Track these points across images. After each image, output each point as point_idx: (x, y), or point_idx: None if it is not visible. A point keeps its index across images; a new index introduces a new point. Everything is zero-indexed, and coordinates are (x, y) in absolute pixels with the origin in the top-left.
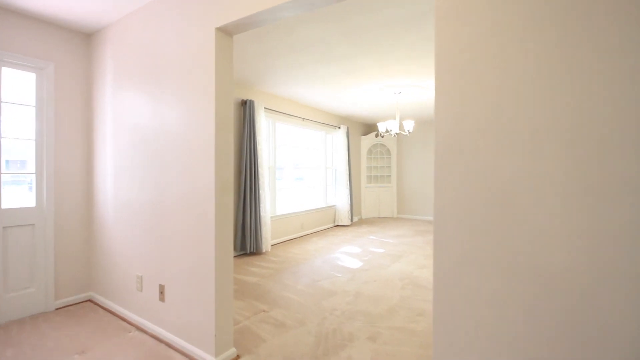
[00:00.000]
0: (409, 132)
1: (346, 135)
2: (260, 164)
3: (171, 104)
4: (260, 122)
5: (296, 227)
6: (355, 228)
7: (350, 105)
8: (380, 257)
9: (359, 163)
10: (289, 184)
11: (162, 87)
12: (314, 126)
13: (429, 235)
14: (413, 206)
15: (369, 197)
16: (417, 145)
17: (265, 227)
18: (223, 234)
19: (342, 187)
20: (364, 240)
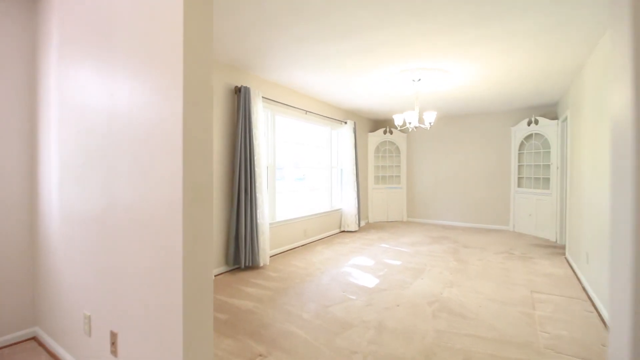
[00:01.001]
0: (431, 125)
1: (353, 131)
2: (257, 162)
3: (125, 75)
4: (258, 113)
5: (298, 235)
6: (363, 234)
7: (360, 96)
8: (398, 272)
9: (366, 162)
10: (290, 185)
11: (115, 52)
12: (317, 120)
13: (447, 243)
14: (424, 209)
15: (377, 199)
16: (429, 142)
17: (263, 236)
18: (196, 262)
19: (348, 189)
20: (375, 249)
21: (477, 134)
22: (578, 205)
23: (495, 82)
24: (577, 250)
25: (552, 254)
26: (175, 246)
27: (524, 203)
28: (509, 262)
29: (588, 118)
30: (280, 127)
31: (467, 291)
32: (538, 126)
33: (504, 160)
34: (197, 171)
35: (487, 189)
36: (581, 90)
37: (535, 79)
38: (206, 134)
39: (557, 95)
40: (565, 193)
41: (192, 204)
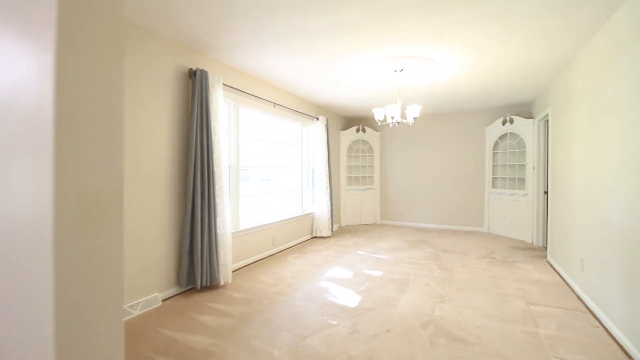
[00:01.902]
0: (414, 120)
1: (325, 129)
2: (217, 161)
3: None
4: (217, 103)
5: (266, 244)
6: (337, 240)
7: (335, 88)
8: (381, 285)
9: (338, 162)
10: (256, 188)
11: None
12: (287, 115)
13: (426, 247)
14: (398, 211)
15: (350, 201)
16: (403, 141)
17: (224, 248)
18: (89, 334)
19: (321, 191)
20: (352, 257)
21: (452, 134)
22: (564, 207)
23: (482, 76)
24: (565, 254)
25: (533, 257)
26: (41, 309)
27: (499, 204)
28: (494, 268)
29: (581, 114)
30: (245, 121)
31: (461, 307)
32: (513, 125)
33: (478, 161)
34: (90, 175)
35: (462, 189)
36: (570, 85)
37: (523, 74)
38: (111, 115)
39: (534, 94)
40: (540, 193)
41: (78, 226)
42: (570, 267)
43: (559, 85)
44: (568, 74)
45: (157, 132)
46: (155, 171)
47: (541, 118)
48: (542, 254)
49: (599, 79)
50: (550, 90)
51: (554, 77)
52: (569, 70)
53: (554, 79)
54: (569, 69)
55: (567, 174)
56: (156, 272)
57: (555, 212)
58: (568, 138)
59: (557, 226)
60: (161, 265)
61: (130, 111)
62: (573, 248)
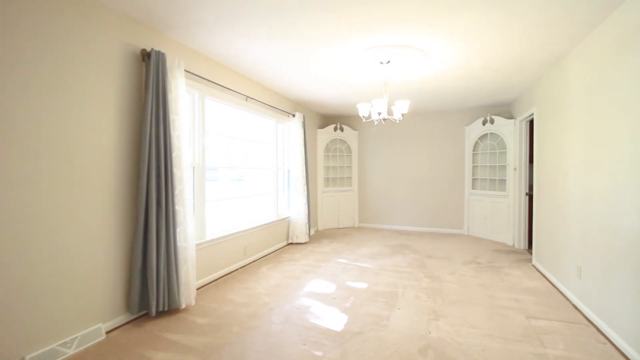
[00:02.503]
0: (402, 117)
1: (302, 126)
2: (177, 161)
3: None
4: (178, 91)
5: (237, 254)
6: (315, 246)
7: (314, 81)
8: (368, 300)
9: (315, 162)
10: (226, 190)
11: None
12: (261, 110)
13: (409, 253)
14: (377, 214)
15: (327, 204)
16: (382, 141)
17: (186, 264)
18: None
19: (297, 194)
20: (333, 266)
21: (431, 133)
22: (554, 210)
23: (471, 72)
24: (556, 260)
25: (518, 262)
26: None
27: (479, 206)
28: (482, 275)
29: (577, 112)
30: (213, 116)
31: (457, 324)
32: (494, 125)
33: (458, 161)
34: None
35: (441, 191)
36: (562, 82)
37: (512, 71)
38: None
39: (516, 94)
40: (522, 195)
41: None
42: (563, 274)
43: (547, 83)
44: (559, 71)
45: (100, 127)
46: (95, 175)
47: (523, 118)
48: (527, 258)
49: (601, 74)
50: (535, 90)
51: (541, 75)
52: (561, 67)
53: (541, 77)
54: (560, 66)
55: (558, 175)
56: (98, 297)
57: (542, 215)
58: (559, 138)
59: (544, 230)
60: (105, 288)
61: (59, 101)
62: (567, 254)
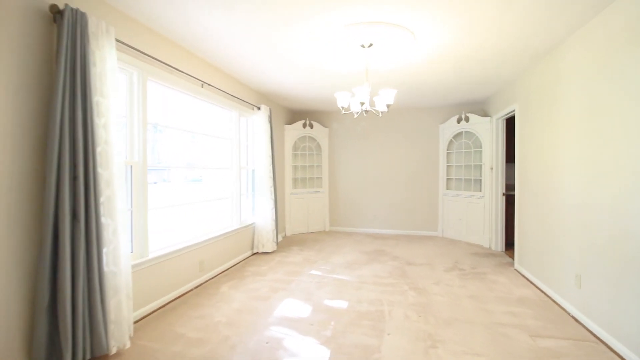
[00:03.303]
0: (388, 108)
1: (268, 120)
2: (103, 158)
3: None
4: (106, 66)
5: (190, 271)
6: (284, 255)
7: (283, 69)
8: (352, 325)
9: (283, 161)
10: (179, 194)
11: None
12: (221, 100)
13: (387, 260)
14: (349, 216)
15: (296, 206)
16: (354, 139)
17: (117, 296)
18: None
19: (263, 197)
20: (306, 280)
21: (405, 131)
22: (543, 212)
23: (456, 60)
24: (547, 266)
25: (500, 266)
26: None
27: (454, 206)
28: (469, 284)
29: (574, 107)
30: (157, 102)
31: (460, 352)
32: (469, 124)
33: (432, 161)
34: None
35: (416, 192)
36: (552, 76)
37: (501, 61)
38: None
39: (492, 91)
40: (499, 195)
41: None
42: (557, 283)
43: (533, 77)
44: (551, 62)
45: None
46: None
47: (501, 116)
48: (507, 262)
49: (607, 64)
50: (517, 85)
51: (525, 70)
52: (553, 58)
53: (525, 71)
54: (552, 57)
55: (547, 177)
56: None
57: (526, 219)
58: (549, 136)
59: (528, 234)
60: None
61: None
62: (561, 261)
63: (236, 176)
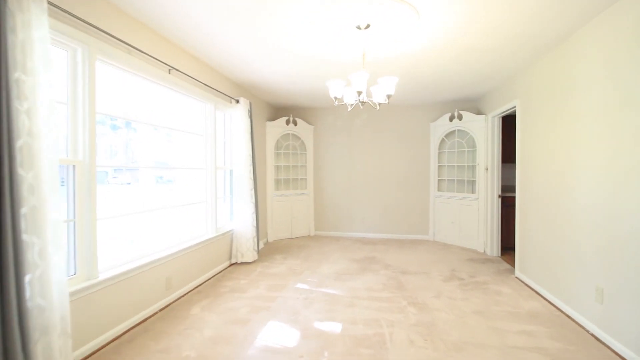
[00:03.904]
0: (388, 100)
1: (249, 115)
2: (26, 155)
3: None
4: (32, 35)
5: (155, 291)
6: (265, 266)
7: (265, 56)
8: (349, 356)
9: (265, 161)
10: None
11: None
12: (192, 90)
13: (380, 269)
14: (336, 220)
15: (279, 210)
16: (341, 136)
17: (46, 336)
18: None
19: (243, 200)
20: (292, 296)
21: (394, 130)
22: (553, 218)
23: (459, 50)
24: (557, 277)
25: (499, 273)
26: None
27: (446, 209)
28: (471, 296)
29: (594, 101)
30: (109, 89)
31: None
32: (462, 122)
33: (423, 161)
34: None
35: (405, 193)
36: (565, 67)
37: (508, 52)
38: None
39: (489, 86)
40: (494, 197)
41: None
42: (570, 295)
43: (539, 71)
44: (565, 53)
45: None
46: None
47: (497, 114)
48: (505, 268)
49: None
50: (518, 80)
51: (530, 63)
52: (569, 45)
53: (530, 65)
54: (564, 47)
55: (560, 176)
56: None
57: (528, 223)
58: (562, 131)
59: (533, 239)
60: None
61: None
62: (577, 272)
63: (211, 177)
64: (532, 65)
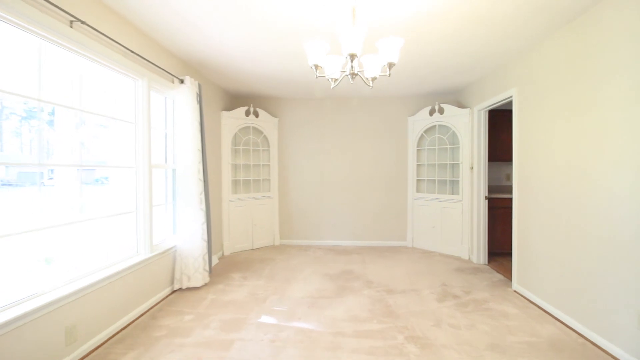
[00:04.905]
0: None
1: (197, 100)
2: None
3: None
4: None
5: (48, 349)
6: (219, 291)
7: (220, 19)
8: None
9: (219, 159)
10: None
11: None
12: (112, 57)
13: (363, 288)
14: (304, 226)
15: (237, 216)
16: (307, 130)
17: None
18: None
19: (190, 208)
20: (254, 337)
21: (369, 125)
22: (571, 227)
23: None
24: (578, 297)
25: (496, 287)
26: None
27: (426, 212)
28: (476, 321)
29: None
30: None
31: None
32: (443, 116)
33: (400, 159)
34: None
35: (382, 195)
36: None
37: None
38: None
39: (477, 75)
40: (480, 199)
41: None
42: (600, 320)
43: (544, 53)
44: (591, 23)
45: None
46: None
47: (485, 107)
48: (499, 279)
49: None
50: (516, 66)
51: (538, 39)
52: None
53: (531, 48)
54: (594, 12)
55: (578, 174)
56: None
57: (531, 229)
58: (585, 121)
59: (538, 248)
60: None
61: None
62: (611, 293)
63: (144, 179)
64: (539, 44)
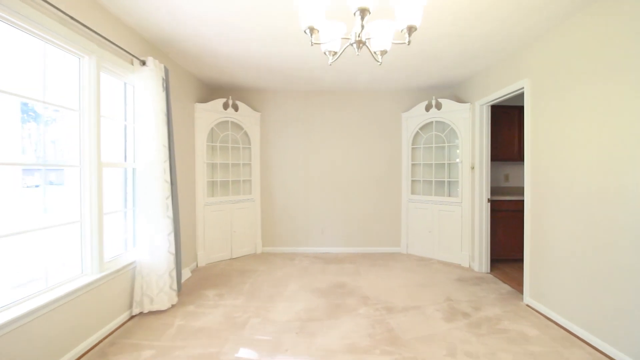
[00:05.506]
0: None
1: (163, 87)
2: None
3: None
4: None
5: None
6: (190, 314)
7: None
8: None
9: (193, 157)
10: None
11: None
12: (45, 25)
13: (359, 306)
14: (289, 232)
15: (214, 222)
16: (292, 127)
17: None
18: None
19: (153, 215)
20: None
21: (361, 121)
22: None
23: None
24: (616, 321)
25: (505, 301)
26: None
27: (421, 216)
28: (496, 348)
29: None
30: None
31: None
32: (441, 111)
33: (393, 159)
34: None
35: (373, 197)
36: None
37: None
38: None
39: (481, 65)
40: (483, 202)
41: None
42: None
43: (563, 38)
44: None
45: None
46: None
47: (488, 101)
48: (507, 291)
49: None
50: (529, 54)
51: (555, 23)
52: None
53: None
54: None
55: (615, 169)
56: None
57: (547, 234)
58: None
59: (555, 258)
60: None
61: None
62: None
63: (92, 180)
64: (557, 26)
